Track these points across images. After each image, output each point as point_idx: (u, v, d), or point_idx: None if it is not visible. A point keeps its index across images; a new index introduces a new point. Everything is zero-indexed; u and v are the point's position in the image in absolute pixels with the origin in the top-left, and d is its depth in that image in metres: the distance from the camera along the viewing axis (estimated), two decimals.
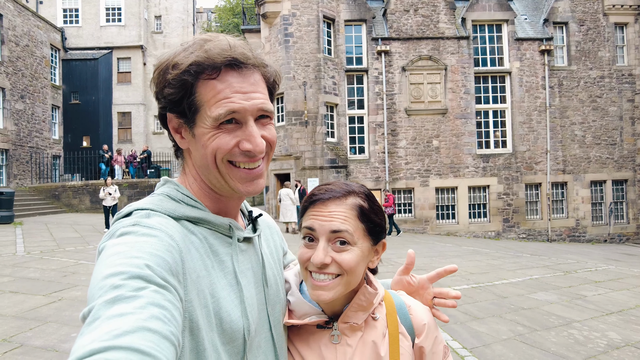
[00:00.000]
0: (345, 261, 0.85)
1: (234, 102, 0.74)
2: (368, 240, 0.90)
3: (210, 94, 0.74)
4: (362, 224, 0.89)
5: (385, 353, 0.90)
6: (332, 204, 0.88)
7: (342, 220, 0.86)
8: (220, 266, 0.77)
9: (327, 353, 0.90)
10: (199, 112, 0.75)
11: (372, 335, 0.92)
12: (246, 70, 0.76)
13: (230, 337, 0.73)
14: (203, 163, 0.78)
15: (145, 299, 0.54)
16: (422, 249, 11.56)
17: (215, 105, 0.74)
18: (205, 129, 0.75)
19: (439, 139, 17.13)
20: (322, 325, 0.93)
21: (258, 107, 0.77)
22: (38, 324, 4.36)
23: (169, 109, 0.78)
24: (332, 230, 0.86)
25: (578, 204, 17.59)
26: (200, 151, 0.77)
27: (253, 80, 0.77)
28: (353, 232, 0.87)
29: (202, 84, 0.74)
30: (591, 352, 4.24)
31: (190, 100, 0.74)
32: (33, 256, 7.92)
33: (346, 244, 0.86)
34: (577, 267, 9.35)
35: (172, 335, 0.53)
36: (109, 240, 0.66)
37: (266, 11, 16.29)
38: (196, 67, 0.73)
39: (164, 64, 0.76)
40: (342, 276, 0.86)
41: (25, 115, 18.70)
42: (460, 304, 5.89)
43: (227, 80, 0.74)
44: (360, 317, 0.91)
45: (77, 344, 0.48)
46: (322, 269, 0.85)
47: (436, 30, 17.29)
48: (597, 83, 17.71)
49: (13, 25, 17.96)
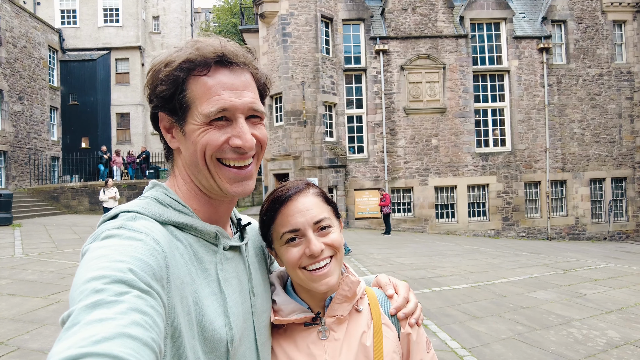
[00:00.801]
0: (334, 240, 0.92)
1: (225, 99, 0.75)
2: (336, 219, 0.98)
3: (201, 90, 0.75)
4: (329, 206, 0.97)
5: (371, 343, 0.92)
6: (301, 197, 0.93)
7: (318, 209, 0.93)
8: (204, 274, 0.76)
9: (316, 350, 0.91)
10: (189, 109, 0.76)
11: (357, 327, 0.94)
12: (237, 68, 0.77)
13: (212, 346, 0.72)
14: (192, 161, 0.77)
15: (126, 304, 0.53)
16: (421, 248, 11.55)
17: (207, 102, 0.74)
18: (196, 126, 0.75)
19: (438, 137, 17.11)
20: (309, 323, 0.94)
21: (249, 105, 0.77)
22: (35, 326, 4.35)
23: (160, 107, 0.78)
24: (316, 222, 0.91)
25: (577, 202, 17.58)
26: (190, 149, 0.77)
27: (244, 79, 0.78)
28: (328, 215, 0.94)
29: (193, 80, 0.75)
30: (591, 350, 4.23)
31: (182, 96, 0.75)
32: (31, 258, 7.90)
33: (327, 227, 0.93)
34: (577, 266, 9.34)
35: (153, 342, 0.52)
36: (93, 243, 0.65)
37: (264, 11, 16.27)
38: (188, 64, 0.74)
39: (157, 65, 0.77)
40: (334, 256, 0.93)
41: (24, 117, 18.66)
42: (459, 304, 5.88)
43: (218, 77, 0.75)
44: (346, 308, 0.95)
45: (54, 350, 0.46)
46: (319, 257, 0.90)
47: (434, 29, 17.27)
48: (596, 81, 17.70)
49: (10, 27, 17.92)
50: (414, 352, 0.96)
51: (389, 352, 0.92)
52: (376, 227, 16.44)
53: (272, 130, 16.67)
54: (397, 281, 1.07)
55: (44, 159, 19.90)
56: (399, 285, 1.04)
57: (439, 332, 4.71)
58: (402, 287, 1.04)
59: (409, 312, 0.98)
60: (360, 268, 8.15)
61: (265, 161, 17.08)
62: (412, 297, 1.02)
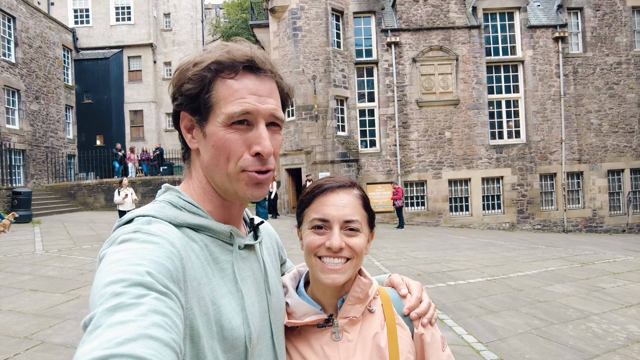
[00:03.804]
0: (356, 245, 0.92)
1: (249, 103, 0.76)
2: (367, 228, 0.98)
3: (227, 92, 0.76)
4: (366, 212, 0.98)
5: (385, 344, 0.93)
6: (342, 193, 0.95)
7: (353, 210, 0.94)
8: (220, 274, 0.77)
9: (330, 352, 0.92)
10: (212, 109, 0.77)
11: (371, 328, 0.95)
12: (263, 75, 0.79)
13: (231, 345, 0.73)
14: (211, 162, 0.78)
15: (146, 306, 0.54)
16: (435, 242, 11.48)
17: (231, 103, 0.75)
18: (217, 127, 0.76)
19: (451, 130, 16.92)
20: (322, 325, 0.95)
21: (271, 112, 0.79)
22: (57, 321, 4.45)
23: (184, 106, 0.79)
24: (346, 220, 0.92)
25: (595, 193, 17.24)
26: (209, 151, 0.78)
27: (269, 86, 0.80)
28: (360, 220, 0.94)
29: (220, 82, 0.76)
30: (611, 345, 4.16)
31: (207, 96, 0.76)
32: (51, 254, 8.09)
33: (355, 230, 0.93)
34: (595, 259, 9.18)
35: (174, 342, 0.53)
36: (110, 248, 0.66)
37: (274, 5, 16.23)
38: (217, 65, 0.76)
39: (185, 64, 0.79)
40: (351, 260, 0.93)
41: (40, 116, 19.02)
42: (475, 298, 5.84)
43: (244, 81, 0.77)
44: (358, 309, 0.95)
45: (79, 353, 0.47)
46: (337, 253, 0.91)
47: (446, 20, 17.02)
48: (614, 69, 17.26)
49: (26, 27, 18.22)
50: (429, 353, 0.96)
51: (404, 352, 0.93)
52: (389, 221, 16.39)
53: (284, 125, 16.64)
54: (410, 281, 1.06)
55: (60, 157, 20.28)
56: (412, 285, 1.04)
57: (455, 327, 4.68)
58: (415, 286, 1.04)
59: (421, 312, 0.98)
60: (375, 262, 8.15)
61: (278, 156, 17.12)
62: (425, 297, 1.02)
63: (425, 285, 6.44)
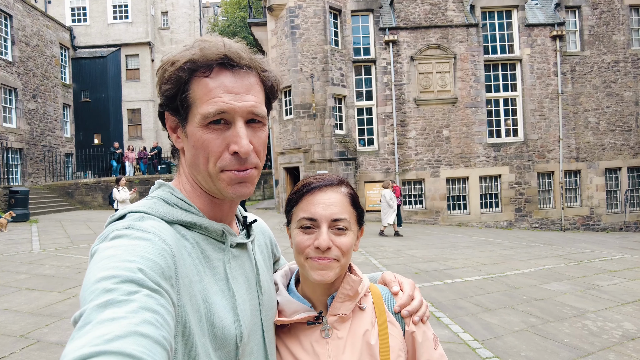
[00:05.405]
0: (344, 244, 0.91)
1: (224, 102, 0.74)
2: (356, 225, 0.97)
3: (202, 92, 0.75)
4: (354, 210, 0.96)
5: (376, 342, 0.92)
6: (330, 191, 0.94)
7: (341, 208, 0.93)
8: (212, 272, 0.77)
9: (320, 349, 0.92)
10: (190, 109, 0.76)
11: (361, 325, 0.94)
12: (240, 71, 0.77)
13: (222, 343, 0.73)
14: (193, 162, 0.78)
15: (137, 303, 0.53)
16: (433, 240, 11.50)
17: (206, 103, 0.74)
18: (195, 128, 0.75)
19: (449, 128, 16.93)
20: (312, 322, 0.94)
21: (249, 109, 0.76)
22: (54, 320, 4.45)
23: (165, 106, 0.79)
24: (334, 219, 0.91)
25: (592, 192, 17.28)
26: (191, 150, 0.77)
27: (247, 82, 0.77)
28: (349, 218, 0.93)
29: (195, 81, 0.75)
30: (606, 343, 4.18)
31: (184, 96, 0.75)
32: (48, 253, 8.08)
33: (343, 229, 0.92)
34: (592, 257, 9.21)
35: (164, 340, 0.52)
36: (102, 244, 0.65)
37: (272, 4, 16.19)
38: (191, 65, 0.74)
39: (164, 64, 0.78)
40: (339, 260, 0.92)
41: (38, 115, 18.97)
42: (471, 296, 5.86)
43: (220, 79, 0.75)
44: (348, 307, 0.95)
45: (68, 349, 0.47)
46: (325, 253, 0.90)
47: (444, 19, 17.01)
48: (612, 68, 17.28)
49: (23, 26, 18.15)
50: (421, 351, 0.95)
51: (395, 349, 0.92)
52: None
53: (282, 123, 16.68)
54: (402, 278, 1.06)
55: (58, 156, 20.23)
56: (404, 283, 1.04)
57: (451, 325, 4.69)
58: (407, 284, 1.03)
59: (413, 310, 0.97)
60: (372, 261, 8.15)
61: (276, 155, 17.13)
62: (417, 295, 1.01)
63: (422, 283, 6.46)
